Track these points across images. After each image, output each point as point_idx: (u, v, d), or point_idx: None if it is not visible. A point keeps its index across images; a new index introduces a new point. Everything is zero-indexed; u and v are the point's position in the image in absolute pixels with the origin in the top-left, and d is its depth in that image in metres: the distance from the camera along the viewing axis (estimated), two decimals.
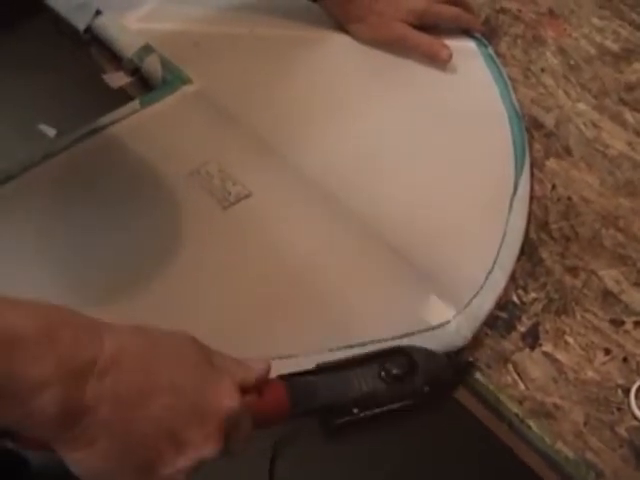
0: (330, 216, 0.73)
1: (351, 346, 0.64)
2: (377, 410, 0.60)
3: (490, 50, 0.91)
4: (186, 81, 0.82)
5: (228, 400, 0.47)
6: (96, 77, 0.94)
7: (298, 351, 0.64)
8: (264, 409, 0.52)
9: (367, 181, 0.77)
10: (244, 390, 0.49)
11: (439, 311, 0.69)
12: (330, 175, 0.76)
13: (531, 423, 0.66)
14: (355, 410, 0.59)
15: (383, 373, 0.60)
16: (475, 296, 0.70)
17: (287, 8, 0.92)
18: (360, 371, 0.59)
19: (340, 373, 0.59)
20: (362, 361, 0.61)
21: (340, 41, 0.90)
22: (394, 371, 0.60)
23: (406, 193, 0.77)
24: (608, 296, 0.74)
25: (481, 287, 0.71)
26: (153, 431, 0.45)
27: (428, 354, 0.63)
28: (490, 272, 0.72)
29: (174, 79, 0.82)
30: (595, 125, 0.87)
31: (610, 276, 0.75)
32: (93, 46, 0.94)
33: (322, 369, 0.59)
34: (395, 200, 0.76)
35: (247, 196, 0.73)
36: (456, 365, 0.66)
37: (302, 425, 1.28)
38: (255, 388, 0.51)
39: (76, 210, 0.72)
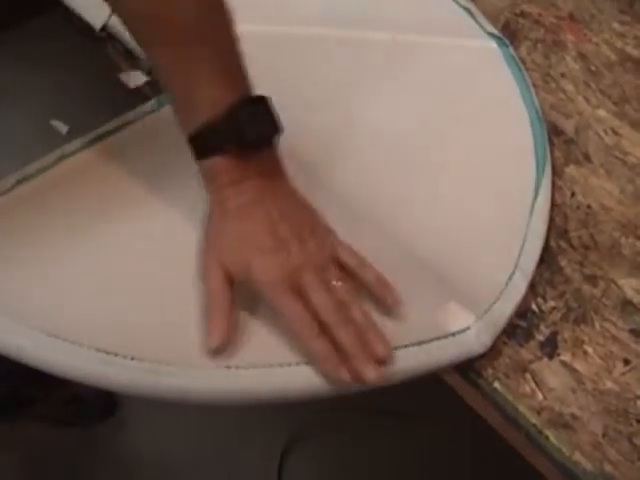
0: (347, 220, 0.72)
1: None
2: None
3: (511, 50, 0.90)
4: None
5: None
6: (111, 75, 0.94)
7: None
8: None
9: (385, 184, 0.76)
10: None
11: (458, 317, 0.68)
12: (348, 178, 0.75)
13: (549, 433, 0.66)
14: None
15: None
16: (495, 301, 0.70)
17: (302, 5, 0.92)
18: None
19: None
20: None
21: (358, 41, 0.89)
22: None
23: (425, 195, 0.76)
24: (627, 306, 0.73)
25: (501, 292, 0.70)
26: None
27: None
28: (511, 277, 0.71)
29: None
30: (615, 132, 0.86)
31: (630, 285, 0.74)
32: (109, 43, 0.93)
33: None
34: (413, 202, 0.75)
35: None
36: None
37: (313, 422, 1.29)
38: None
39: (91, 212, 0.71)
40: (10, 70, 1.71)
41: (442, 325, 0.67)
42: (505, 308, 0.70)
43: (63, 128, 1.63)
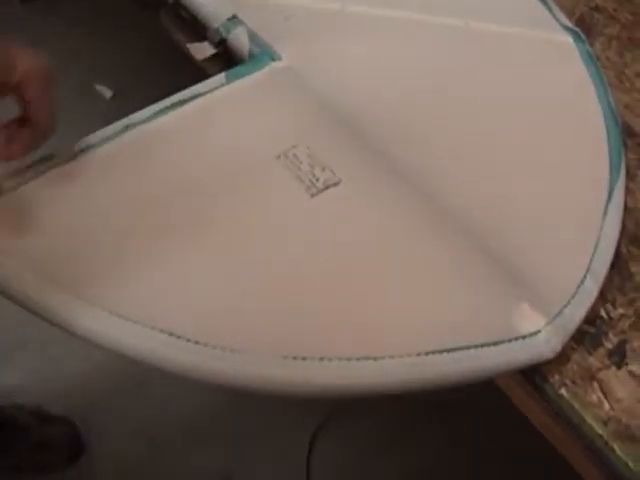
0: (422, 212, 0.70)
1: (440, 351, 0.62)
2: None
3: (588, 46, 0.87)
4: (275, 57, 0.78)
5: None
6: (159, 42, 0.91)
7: (385, 353, 0.61)
8: None
9: (461, 178, 0.74)
10: None
11: (529, 320, 0.66)
12: (424, 168, 0.73)
13: (615, 446, 0.64)
14: None
15: None
16: (566, 305, 0.68)
17: None
18: None
19: None
20: None
21: (430, 25, 0.86)
22: None
23: (499, 191, 0.74)
24: None
25: (572, 296, 0.68)
26: None
27: None
28: (582, 281, 0.69)
29: (262, 54, 0.79)
30: None
31: None
32: (162, 11, 0.91)
33: None
34: (488, 198, 0.73)
35: (336, 184, 0.70)
36: None
37: (342, 409, 1.28)
38: None
39: (155, 184, 0.69)
40: (58, 35, 1.70)
41: (513, 327, 0.65)
42: (576, 313, 0.68)
43: (107, 93, 1.62)
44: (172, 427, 1.34)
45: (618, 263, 0.73)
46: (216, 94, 0.75)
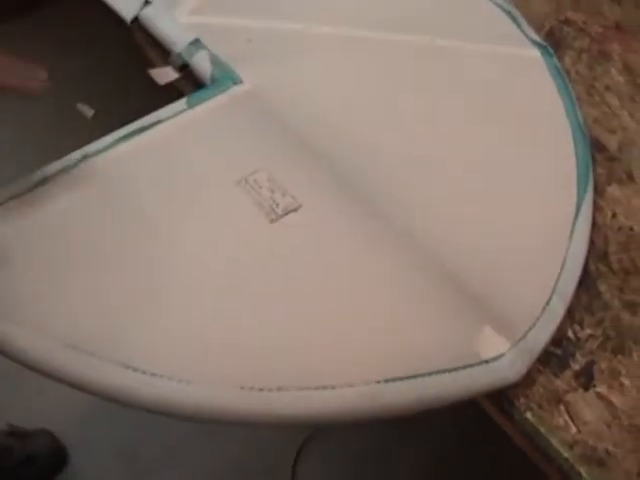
0: (383, 237, 0.69)
1: (400, 378, 0.61)
2: None
3: (556, 61, 0.86)
4: (237, 81, 0.78)
5: None
6: (140, 61, 0.91)
7: (344, 381, 0.60)
8: None
9: (423, 200, 0.73)
10: None
11: (493, 343, 0.65)
12: (385, 193, 0.72)
13: (582, 470, 0.63)
14: None
15: None
16: (531, 328, 0.67)
17: (341, 4, 0.89)
18: None
19: None
20: None
21: (395, 43, 0.85)
22: None
23: (462, 211, 0.73)
24: None
25: (538, 318, 0.67)
26: None
27: None
28: (548, 302, 0.68)
29: (224, 78, 0.78)
30: None
31: None
32: (137, 33, 0.90)
33: None
34: (450, 219, 0.72)
35: (296, 209, 0.69)
36: None
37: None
38: None
39: (114, 214, 0.68)
40: (40, 54, 1.70)
41: (476, 351, 0.64)
42: (541, 335, 0.67)
43: (89, 112, 1.63)
44: (154, 444, 1.33)
45: (586, 281, 0.72)
46: (177, 120, 0.74)
